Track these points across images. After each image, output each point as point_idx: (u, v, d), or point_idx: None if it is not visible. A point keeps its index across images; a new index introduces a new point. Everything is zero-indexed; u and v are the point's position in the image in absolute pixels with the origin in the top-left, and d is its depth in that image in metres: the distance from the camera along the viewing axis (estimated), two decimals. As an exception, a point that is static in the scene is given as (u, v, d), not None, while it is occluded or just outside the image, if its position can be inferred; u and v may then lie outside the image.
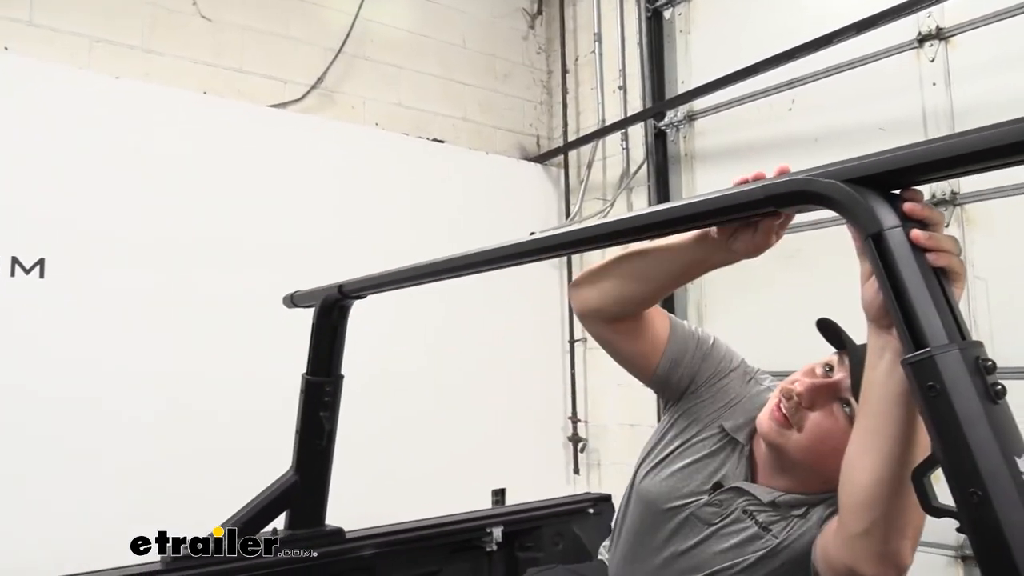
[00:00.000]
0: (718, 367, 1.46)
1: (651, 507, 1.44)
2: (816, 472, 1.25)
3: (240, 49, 3.32)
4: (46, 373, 2.65)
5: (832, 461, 1.13)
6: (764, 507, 1.32)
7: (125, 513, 2.64)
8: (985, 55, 2.67)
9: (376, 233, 3.42)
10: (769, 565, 1.29)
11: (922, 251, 0.81)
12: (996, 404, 0.75)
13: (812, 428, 1.24)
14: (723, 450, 1.40)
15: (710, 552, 1.36)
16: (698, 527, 1.38)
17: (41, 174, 2.71)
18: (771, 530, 1.29)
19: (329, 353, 1.87)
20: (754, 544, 1.31)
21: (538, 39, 4.44)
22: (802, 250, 3.10)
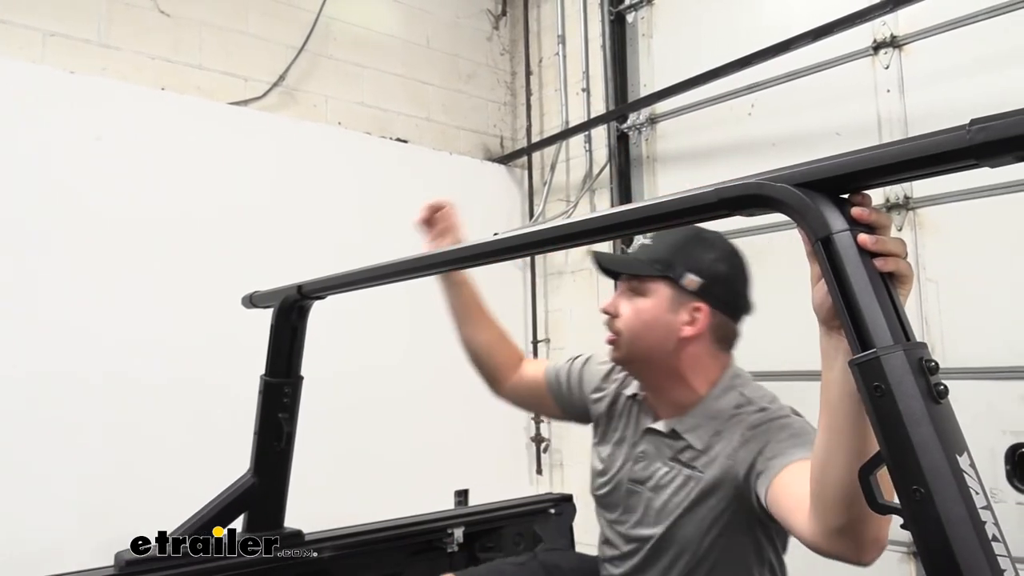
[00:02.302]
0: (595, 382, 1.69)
1: (602, 500, 1.59)
2: (667, 360, 1.44)
3: (199, 45, 3.28)
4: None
5: (656, 333, 1.42)
6: (676, 442, 1.44)
7: (87, 515, 2.59)
8: (937, 63, 2.73)
9: (338, 233, 3.40)
10: (709, 505, 1.37)
11: (869, 255, 0.83)
12: (939, 404, 0.77)
13: (624, 323, 1.46)
14: (630, 412, 1.58)
15: (655, 509, 1.45)
16: (637, 493, 1.49)
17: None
18: (696, 467, 1.40)
19: (288, 354, 1.85)
20: (687, 486, 1.40)
21: (502, 40, 4.44)
22: (768, 250, 3.15)
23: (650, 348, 1.44)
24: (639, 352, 1.46)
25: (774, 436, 1.31)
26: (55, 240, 2.75)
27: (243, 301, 1.99)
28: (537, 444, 4.05)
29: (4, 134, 2.68)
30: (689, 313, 1.42)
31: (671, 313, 1.42)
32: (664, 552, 1.44)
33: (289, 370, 1.87)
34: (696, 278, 1.42)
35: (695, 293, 1.42)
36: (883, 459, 0.80)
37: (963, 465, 0.76)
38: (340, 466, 3.16)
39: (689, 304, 1.43)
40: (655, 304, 1.43)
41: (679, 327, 1.42)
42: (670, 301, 1.43)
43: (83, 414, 2.73)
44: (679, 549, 1.42)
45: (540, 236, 1.31)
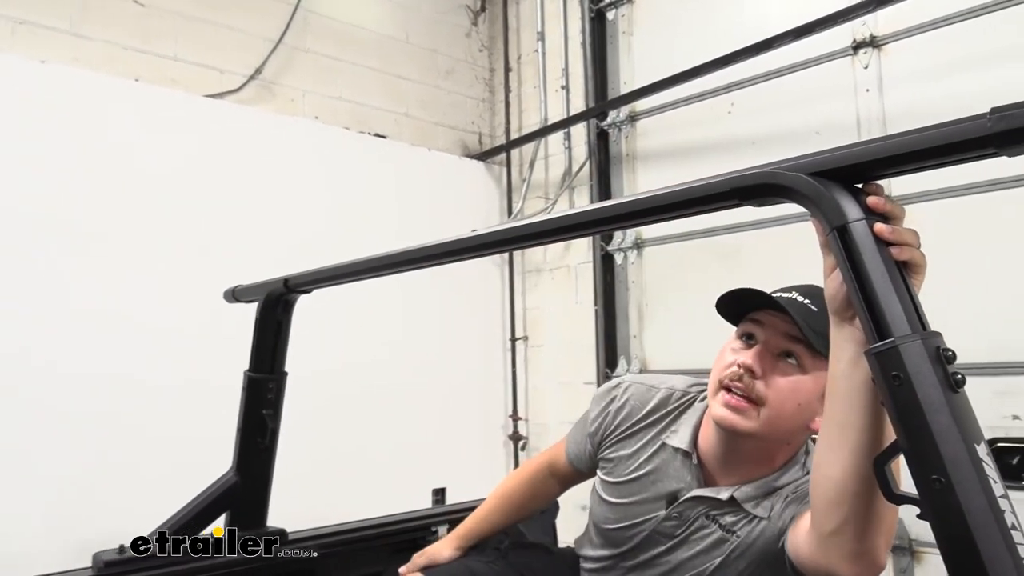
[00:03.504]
0: (606, 435, 1.53)
1: (609, 532, 1.49)
2: (779, 441, 1.28)
3: (174, 36, 3.21)
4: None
5: (796, 419, 1.22)
6: (724, 507, 1.33)
7: (60, 517, 2.52)
8: (915, 63, 2.77)
9: (315, 229, 3.35)
10: (736, 566, 1.31)
11: (885, 244, 0.82)
12: (956, 393, 0.77)
13: (775, 394, 1.24)
14: (668, 465, 1.42)
15: (676, 561, 1.38)
16: (661, 540, 1.40)
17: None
18: (735, 531, 1.31)
19: (273, 349, 1.81)
20: (719, 548, 1.33)
21: (481, 36, 4.42)
22: (741, 250, 3.17)
23: (779, 431, 1.27)
24: (766, 431, 1.26)
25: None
26: (22, 234, 2.67)
27: (225, 295, 1.95)
28: (515, 442, 4.04)
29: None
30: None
31: (818, 401, 1.21)
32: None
33: (273, 366, 1.83)
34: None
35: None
36: (899, 449, 0.80)
37: (981, 454, 0.75)
38: (316, 464, 3.11)
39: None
40: (813, 387, 1.23)
41: (814, 418, 1.25)
42: (823, 389, 1.15)
43: (55, 413, 2.66)
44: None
45: (525, 231, 1.29)
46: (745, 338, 1.32)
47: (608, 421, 1.52)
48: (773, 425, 1.26)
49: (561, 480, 1.68)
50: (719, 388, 1.30)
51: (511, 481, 1.74)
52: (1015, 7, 2.52)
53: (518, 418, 4.06)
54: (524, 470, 1.74)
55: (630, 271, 3.67)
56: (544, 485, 1.69)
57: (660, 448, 1.44)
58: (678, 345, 3.42)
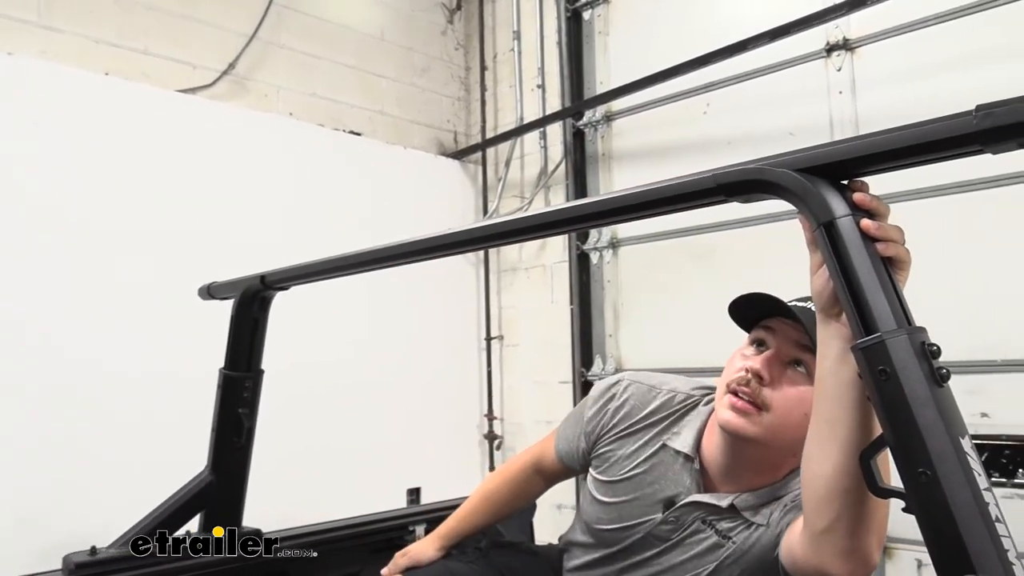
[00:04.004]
0: (601, 434, 1.50)
1: (602, 532, 1.47)
2: (783, 449, 1.27)
3: (146, 29, 3.15)
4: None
5: (803, 428, 1.15)
6: (723, 513, 1.33)
7: (25, 519, 2.47)
8: (887, 66, 2.81)
9: (289, 226, 3.31)
10: (730, 572, 1.30)
11: (871, 240, 0.83)
12: (941, 387, 0.78)
13: (781, 401, 1.24)
14: (667, 468, 1.41)
15: (668, 564, 1.37)
16: (655, 543, 1.39)
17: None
18: (731, 537, 1.30)
19: (249, 347, 1.79)
20: (714, 553, 1.32)
21: (457, 35, 4.41)
22: (715, 249, 3.20)
23: (784, 439, 1.25)
24: (771, 438, 1.26)
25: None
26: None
27: (200, 292, 1.92)
28: (490, 441, 4.03)
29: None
30: None
31: None
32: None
33: (250, 364, 1.81)
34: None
35: None
36: (885, 443, 0.81)
37: (966, 448, 0.76)
38: (286, 464, 3.06)
39: None
40: (811, 387, 1.20)
41: None
42: None
43: (21, 412, 2.60)
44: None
45: (503, 228, 1.29)
46: (756, 344, 1.32)
47: (607, 419, 1.50)
48: (777, 433, 1.25)
49: (547, 478, 1.67)
50: (726, 392, 1.30)
51: (495, 480, 1.73)
52: (984, 12, 2.57)
53: (493, 417, 4.05)
54: (508, 468, 1.72)
55: (606, 270, 3.68)
56: (529, 483, 1.67)
57: (660, 449, 1.42)
58: (653, 344, 3.44)
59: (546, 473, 1.65)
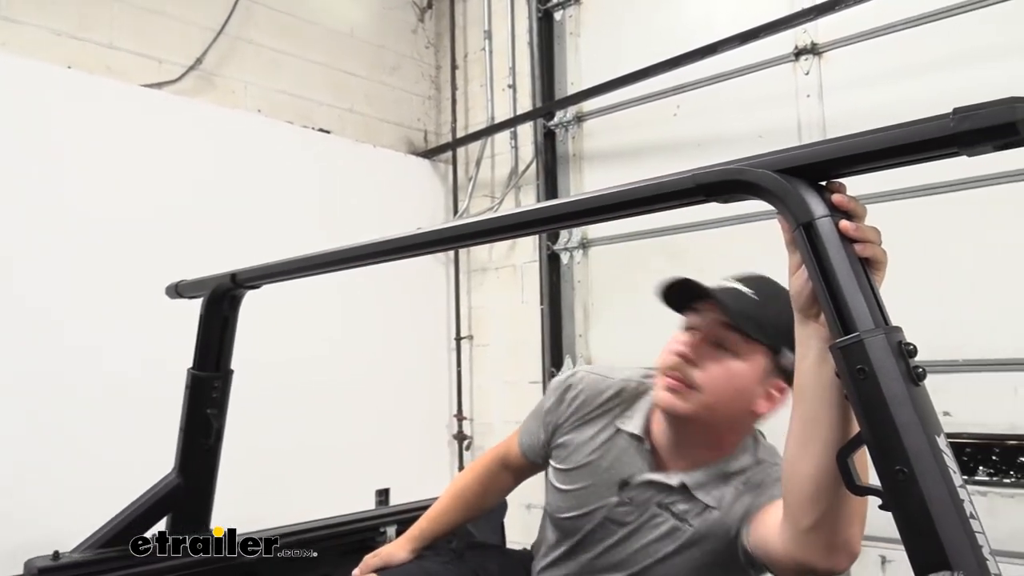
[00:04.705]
0: (558, 422, 1.55)
1: (563, 521, 1.49)
2: (721, 425, 1.33)
3: (110, 22, 3.09)
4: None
5: (736, 403, 1.28)
6: (675, 494, 1.35)
7: None
8: (853, 71, 2.85)
9: (257, 224, 3.27)
10: (690, 555, 1.33)
11: (850, 241, 0.84)
12: (918, 386, 0.79)
13: (708, 379, 1.30)
14: (622, 451, 1.44)
15: (629, 550, 1.39)
16: (614, 529, 1.41)
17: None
18: (687, 520, 1.33)
19: (219, 347, 1.76)
20: (672, 537, 1.35)
21: (427, 33, 4.38)
22: (688, 250, 3.22)
23: (720, 415, 1.32)
24: (706, 415, 1.31)
25: (768, 488, 1.28)
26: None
27: (167, 291, 1.89)
28: (459, 442, 4.02)
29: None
30: (769, 390, 1.31)
31: (757, 387, 1.30)
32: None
33: (219, 363, 1.78)
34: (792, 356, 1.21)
35: (784, 372, 1.29)
36: (863, 441, 0.82)
37: (941, 445, 0.78)
38: (256, 465, 3.03)
39: (774, 381, 1.31)
40: (750, 372, 1.29)
41: (758, 403, 1.31)
42: (763, 373, 1.30)
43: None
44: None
45: (478, 227, 1.29)
46: (688, 328, 1.37)
47: (563, 409, 1.54)
48: (712, 409, 1.30)
49: (514, 473, 1.69)
50: (662, 369, 1.37)
51: (464, 478, 1.74)
52: (948, 19, 2.62)
53: (463, 417, 4.04)
54: (476, 466, 1.74)
55: (576, 270, 3.69)
56: (497, 479, 1.69)
57: (615, 434, 1.46)
58: (624, 344, 3.45)
59: (512, 468, 1.68)
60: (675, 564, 1.35)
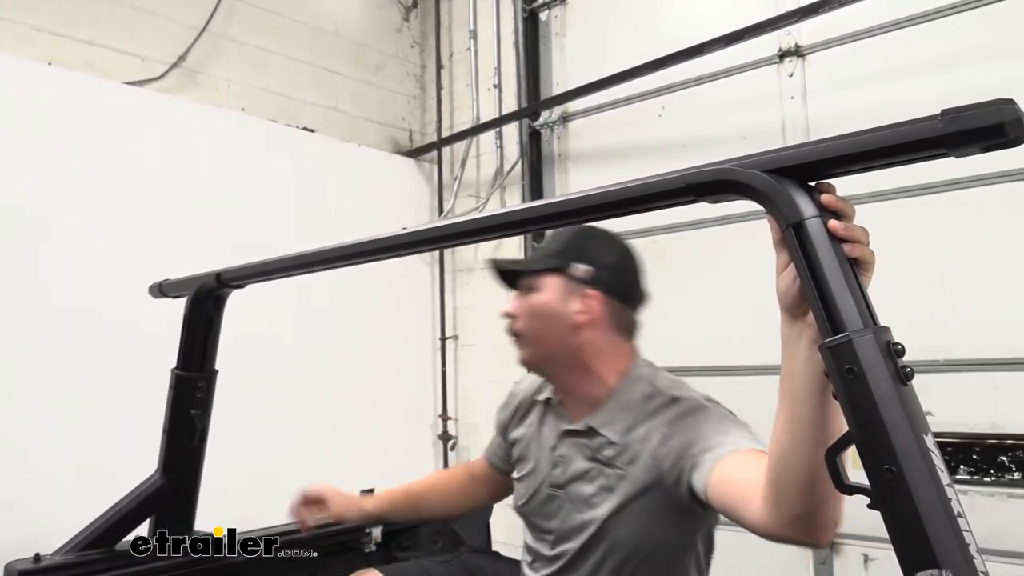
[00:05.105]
0: (506, 421, 1.69)
1: (523, 509, 1.56)
2: (571, 354, 1.44)
3: (91, 18, 3.06)
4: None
5: (556, 326, 1.42)
6: (591, 438, 1.43)
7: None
8: (836, 73, 2.88)
9: (241, 223, 3.24)
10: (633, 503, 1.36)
11: (839, 240, 0.84)
12: (906, 385, 0.80)
13: (524, 322, 1.48)
14: (545, 421, 1.56)
15: (576, 513, 1.43)
16: (557, 498, 1.47)
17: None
18: (616, 465, 1.39)
19: (203, 346, 1.75)
20: (609, 486, 1.39)
21: (412, 32, 4.37)
22: (670, 250, 3.23)
23: (550, 341, 1.45)
24: (542, 349, 1.46)
25: (698, 430, 1.32)
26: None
27: (151, 290, 1.87)
28: (444, 442, 4.01)
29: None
30: (582, 301, 1.43)
31: (564, 303, 1.43)
32: (589, 555, 1.42)
33: (203, 363, 1.77)
34: (585, 267, 1.44)
35: (586, 281, 1.44)
36: (851, 440, 0.82)
37: (929, 444, 0.78)
38: (240, 466, 3.00)
39: (581, 292, 1.44)
40: (548, 296, 1.44)
41: (573, 315, 1.43)
42: (562, 291, 1.44)
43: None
44: (604, 551, 1.40)
45: (465, 227, 1.29)
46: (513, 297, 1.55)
47: (510, 409, 1.67)
48: (543, 344, 1.46)
49: (478, 479, 1.79)
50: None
51: (440, 472, 1.90)
52: (930, 22, 2.65)
53: (448, 418, 4.03)
54: (444, 471, 1.82)
55: (561, 271, 3.68)
56: (459, 484, 1.80)
57: (539, 410, 1.58)
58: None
59: (476, 475, 1.79)
60: (622, 517, 1.38)
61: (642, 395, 1.41)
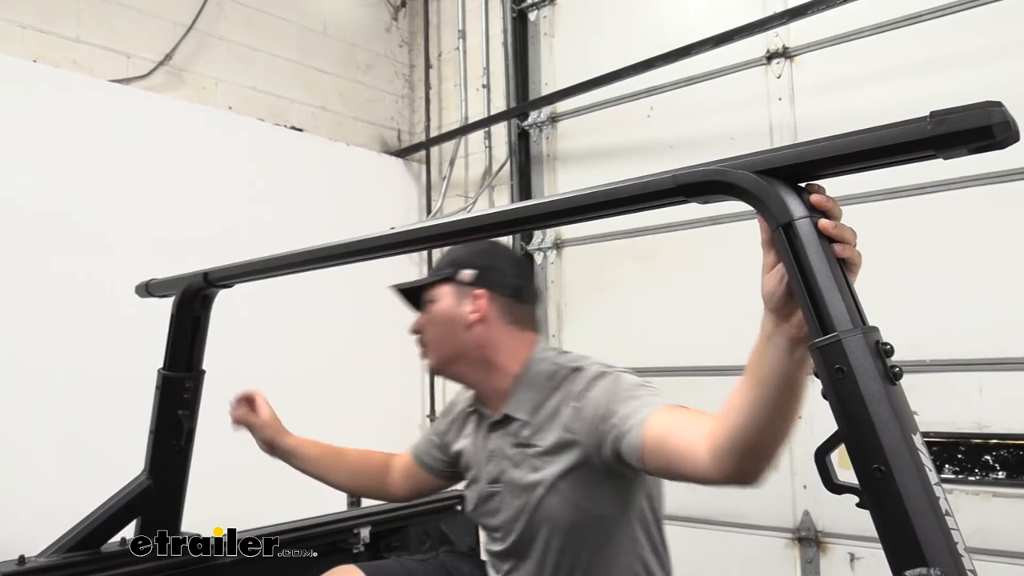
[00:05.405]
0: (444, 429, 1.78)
1: (474, 513, 1.63)
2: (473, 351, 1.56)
3: (76, 15, 3.03)
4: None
5: (453, 328, 1.55)
6: (507, 424, 1.52)
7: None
8: (824, 75, 2.89)
9: (227, 223, 3.22)
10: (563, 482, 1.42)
11: (828, 240, 0.85)
12: (894, 385, 0.80)
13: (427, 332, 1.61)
14: (474, 426, 1.65)
15: (515, 501, 1.49)
16: (498, 493, 1.54)
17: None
18: (535, 444, 1.47)
19: (190, 347, 1.73)
20: (536, 467, 1.46)
21: (401, 32, 4.36)
22: (659, 250, 3.24)
23: (451, 342, 1.57)
24: (444, 351, 1.59)
25: (608, 398, 1.38)
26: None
27: (138, 289, 1.85)
28: (432, 442, 4.00)
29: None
30: (472, 302, 1.56)
31: (457, 307, 1.56)
32: (535, 539, 1.47)
33: (191, 364, 1.75)
34: (470, 271, 1.58)
35: (473, 284, 1.57)
36: (841, 439, 0.82)
37: (918, 444, 0.79)
38: (227, 466, 2.98)
39: (470, 294, 1.57)
40: (443, 303, 1.58)
41: (466, 315, 1.55)
42: (454, 297, 1.58)
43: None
44: (547, 532, 1.46)
45: (453, 227, 1.29)
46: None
47: (448, 419, 1.77)
48: (445, 346, 1.58)
49: (394, 469, 1.86)
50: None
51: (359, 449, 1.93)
52: (917, 24, 2.67)
53: (435, 418, 4.02)
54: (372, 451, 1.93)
55: (550, 271, 3.69)
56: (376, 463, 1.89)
57: (472, 418, 1.67)
58: (597, 344, 3.46)
59: (395, 467, 1.87)
60: (556, 496, 1.43)
61: (546, 374, 1.51)
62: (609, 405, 1.36)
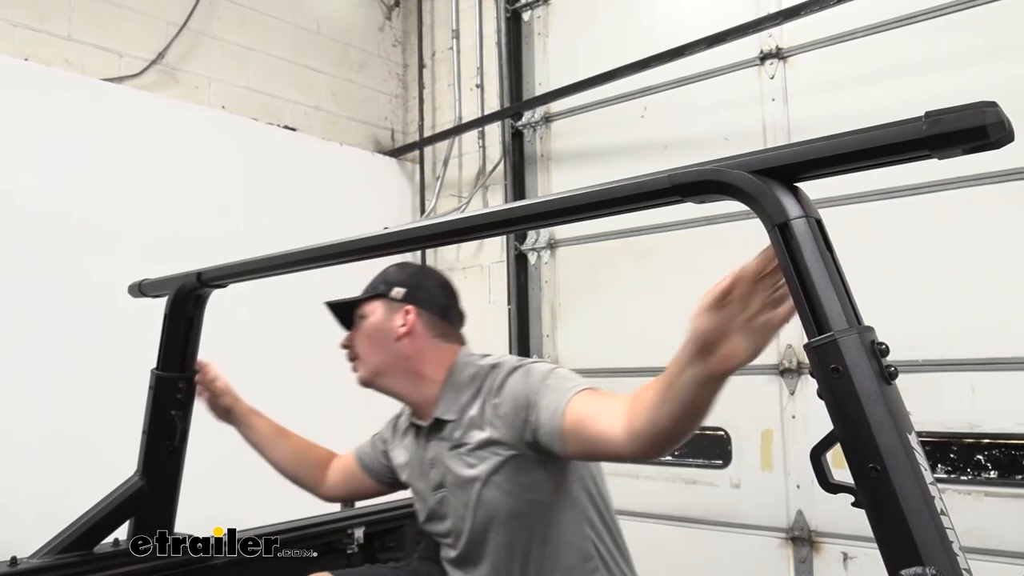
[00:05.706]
0: (388, 437, 1.85)
1: (426, 524, 1.67)
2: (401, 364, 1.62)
3: (68, 14, 3.02)
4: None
5: (383, 343, 1.62)
6: (440, 429, 1.57)
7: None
8: (817, 75, 2.90)
9: (221, 222, 3.21)
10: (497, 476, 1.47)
11: (824, 241, 0.85)
12: (890, 384, 0.80)
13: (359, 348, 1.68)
14: (415, 435, 1.69)
15: (460, 502, 1.54)
16: (444, 498, 1.59)
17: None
18: (466, 443, 1.52)
19: (184, 347, 1.73)
20: (471, 465, 1.51)
21: (395, 31, 4.36)
22: (654, 250, 3.24)
23: (380, 354, 1.64)
24: (374, 363, 1.65)
25: (524, 389, 1.44)
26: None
27: (130, 289, 1.84)
28: (426, 442, 3.99)
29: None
30: (401, 317, 1.63)
31: (388, 321, 1.64)
32: (484, 537, 1.51)
33: (184, 364, 1.74)
34: (401, 289, 1.65)
35: (403, 300, 1.64)
36: (837, 439, 0.83)
37: (913, 443, 0.79)
38: (217, 468, 2.97)
39: (400, 310, 1.64)
40: (375, 319, 1.65)
41: (396, 329, 1.62)
42: (384, 312, 1.65)
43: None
44: (493, 528, 1.50)
45: (448, 227, 1.29)
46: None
47: (391, 428, 1.84)
48: (375, 357, 1.64)
49: (339, 473, 1.91)
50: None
51: (309, 441, 2.01)
52: (910, 25, 2.68)
53: (429, 418, 4.01)
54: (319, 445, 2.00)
55: (543, 271, 3.69)
56: (319, 457, 1.96)
57: (410, 431, 1.71)
58: (591, 344, 3.47)
59: (336, 466, 1.94)
60: (495, 491, 1.48)
61: (468, 376, 1.57)
62: (525, 397, 1.42)
